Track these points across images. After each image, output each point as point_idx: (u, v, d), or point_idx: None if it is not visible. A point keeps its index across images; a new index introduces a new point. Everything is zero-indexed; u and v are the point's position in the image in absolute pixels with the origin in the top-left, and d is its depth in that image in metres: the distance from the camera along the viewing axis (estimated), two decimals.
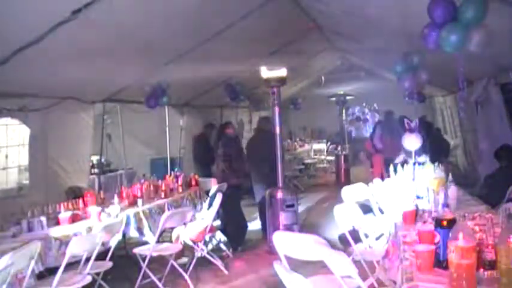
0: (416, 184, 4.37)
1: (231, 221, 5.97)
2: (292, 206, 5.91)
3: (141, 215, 4.97)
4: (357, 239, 3.91)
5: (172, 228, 5.43)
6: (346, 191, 4.92)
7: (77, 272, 3.72)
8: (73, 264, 3.73)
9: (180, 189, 6.10)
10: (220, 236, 5.98)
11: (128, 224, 4.74)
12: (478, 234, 2.29)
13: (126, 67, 5.94)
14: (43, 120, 5.95)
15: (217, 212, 5.26)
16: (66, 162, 6.51)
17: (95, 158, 7.80)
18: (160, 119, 9.29)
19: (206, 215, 5.48)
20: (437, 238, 2.18)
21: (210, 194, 6.01)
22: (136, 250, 4.54)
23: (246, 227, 6.29)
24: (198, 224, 5.51)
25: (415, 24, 4.02)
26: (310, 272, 3.09)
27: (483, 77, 6.70)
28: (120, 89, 6.95)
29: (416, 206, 3.41)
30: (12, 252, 3.05)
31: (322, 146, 15.17)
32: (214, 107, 10.85)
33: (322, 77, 13.52)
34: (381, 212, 5.03)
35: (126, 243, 5.44)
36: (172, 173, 6.92)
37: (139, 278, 4.40)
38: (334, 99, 12.76)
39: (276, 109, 6.06)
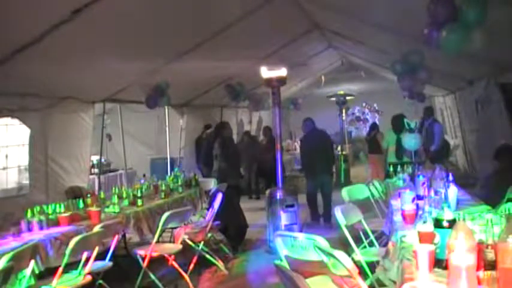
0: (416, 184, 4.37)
1: (231, 221, 5.97)
2: (292, 206, 5.91)
3: (141, 215, 4.97)
4: (357, 239, 3.91)
5: (172, 228, 5.43)
6: (346, 191, 4.92)
7: (76, 272, 3.72)
8: (73, 264, 3.72)
9: (180, 189, 6.09)
10: (220, 236, 5.98)
11: (127, 224, 4.73)
12: (478, 234, 2.29)
13: (126, 67, 5.95)
14: (43, 120, 5.95)
15: (217, 212, 5.26)
16: (66, 162, 6.52)
17: (95, 158, 7.80)
18: (160, 119, 9.30)
19: (206, 215, 5.48)
20: (437, 238, 2.18)
21: (210, 194, 6.02)
22: (137, 250, 4.54)
23: (246, 226, 6.29)
24: (198, 224, 5.51)
25: (415, 24, 4.03)
26: (310, 272, 3.09)
27: (483, 77, 6.70)
28: (120, 89, 6.95)
29: (417, 205, 3.41)
30: (12, 252, 3.05)
31: None
32: (214, 107, 10.85)
33: (322, 77, 13.52)
34: (381, 211, 5.04)
35: (126, 243, 5.44)
36: (172, 173, 6.92)
37: (140, 278, 4.40)
38: (334, 99, 12.76)
39: (276, 109, 6.06)
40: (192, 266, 4.86)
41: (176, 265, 4.59)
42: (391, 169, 5.99)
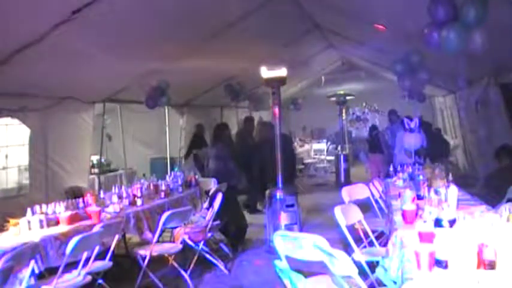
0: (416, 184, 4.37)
1: (231, 221, 5.97)
2: (292, 206, 5.91)
3: (141, 215, 4.97)
4: (357, 239, 3.91)
5: (172, 228, 5.43)
6: (346, 191, 4.91)
7: (76, 272, 3.72)
8: (73, 264, 3.72)
9: (180, 189, 6.09)
10: (220, 236, 5.98)
11: (127, 223, 4.73)
12: (478, 234, 2.29)
13: (126, 67, 5.95)
14: (43, 120, 5.96)
15: (217, 212, 5.26)
16: (66, 162, 6.51)
17: (95, 158, 7.80)
18: (160, 119, 9.30)
19: (206, 215, 5.48)
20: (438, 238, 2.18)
21: (210, 194, 6.01)
22: (137, 250, 4.54)
23: (246, 226, 6.29)
24: (198, 224, 5.51)
25: (415, 24, 4.02)
26: (310, 272, 3.09)
27: (483, 77, 6.70)
28: (120, 89, 6.95)
29: (417, 205, 3.41)
30: (12, 251, 3.05)
31: (322, 146, 15.17)
32: (214, 107, 10.86)
33: (322, 77, 13.53)
34: (381, 211, 5.04)
35: (126, 243, 5.44)
36: (172, 173, 6.92)
37: (140, 278, 4.40)
38: (334, 99, 12.75)
39: (276, 109, 6.06)
40: (192, 266, 4.86)
41: (176, 265, 4.59)
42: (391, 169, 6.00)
